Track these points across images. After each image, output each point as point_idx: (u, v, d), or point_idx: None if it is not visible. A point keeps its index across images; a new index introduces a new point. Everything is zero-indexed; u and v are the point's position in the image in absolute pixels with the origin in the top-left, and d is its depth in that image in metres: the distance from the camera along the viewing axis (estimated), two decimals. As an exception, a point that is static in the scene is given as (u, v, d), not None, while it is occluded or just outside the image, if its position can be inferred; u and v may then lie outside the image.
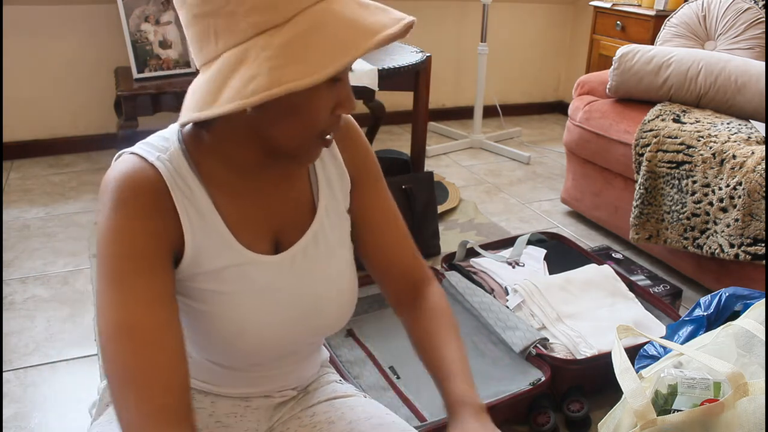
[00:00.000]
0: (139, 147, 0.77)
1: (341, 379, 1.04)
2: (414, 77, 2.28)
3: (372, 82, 2.10)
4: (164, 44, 2.71)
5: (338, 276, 0.89)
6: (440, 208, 2.49)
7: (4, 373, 1.59)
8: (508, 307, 1.69)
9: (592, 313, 1.67)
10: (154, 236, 0.74)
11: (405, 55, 2.34)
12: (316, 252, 0.86)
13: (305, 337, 0.89)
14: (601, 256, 2.04)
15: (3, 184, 2.69)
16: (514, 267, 1.91)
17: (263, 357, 0.86)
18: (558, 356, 1.51)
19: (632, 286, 1.81)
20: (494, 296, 1.76)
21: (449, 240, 2.31)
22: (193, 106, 0.68)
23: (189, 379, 0.73)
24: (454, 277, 1.79)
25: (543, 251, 2.00)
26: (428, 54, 2.33)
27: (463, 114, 3.84)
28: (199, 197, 0.77)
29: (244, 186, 0.81)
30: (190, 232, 0.76)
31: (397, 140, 3.46)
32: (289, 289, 0.84)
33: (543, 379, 1.45)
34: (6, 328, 1.75)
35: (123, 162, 0.75)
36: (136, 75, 2.65)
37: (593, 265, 1.87)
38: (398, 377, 1.52)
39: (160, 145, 0.77)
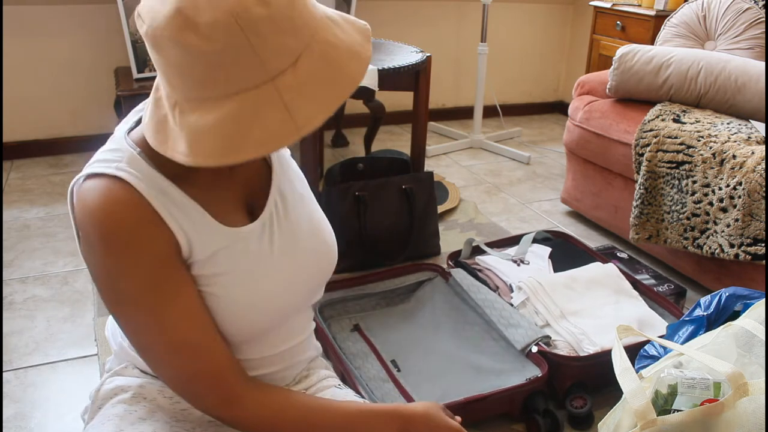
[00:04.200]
0: (93, 167, 0.77)
1: (341, 383, 1.05)
2: (414, 77, 2.28)
3: (372, 82, 2.10)
4: (164, 44, 2.71)
5: (311, 220, 0.94)
6: (440, 208, 2.49)
7: (4, 373, 1.59)
8: (512, 305, 1.70)
9: (596, 311, 1.68)
10: (160, 255, 0.76)
11: (405, 55, 2.34)
12: (285, 206, 0.91)
13: (306, 290, 0.94)
14: (606, 255, 2.04)
15: (3, 184, 2.69)
16: (519, 265, 1.91)
17: (277, 321, 0.91)
18: (560, 353, 1.52)
19: (636, 285, 1.81)
20: (499, 293, 1.77)
21: (449, 240, 2.31)
22: (222, 150, 0.66)
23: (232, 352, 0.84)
24: (459, 273, 1.81)
25: (548, 249, 2.00)
26: (428, 54, 2.33)
27: (463, 114, 3.84)
28: (173, 194, 0.78)
29: (205, 173, 0.82)
30: (178, 229, 0.78)
31: (397, 140, 3.46)
32: (278, 248, 0.88)
33: (539, 375, 1.46)
34: (6, 328, 1.75)
35: (89, 191, 0.75)
36: (136, 75, 2.65)
37: (598, 264, 1.87)
38: (399, 370, 1.55)
39: (113, 158, 0.77)
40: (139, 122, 0.84)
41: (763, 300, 1.19)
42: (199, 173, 0.81)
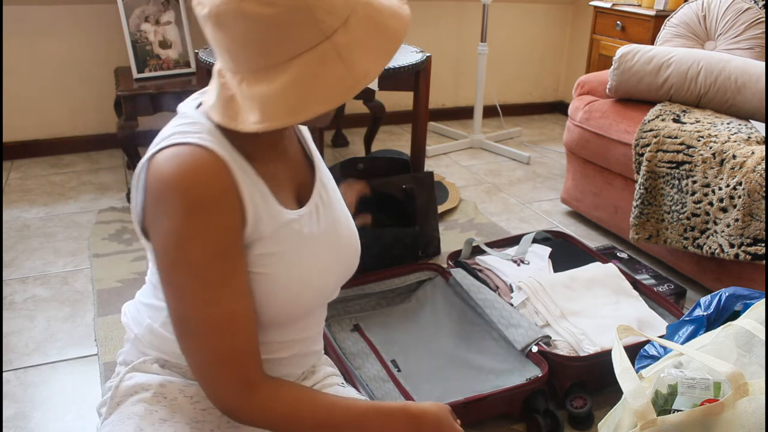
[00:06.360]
0: (175, 137, 0.79)
1: (343, 382, 1.06)
2: (414, 77, 2.28)
3: (372, 82, 2.10)
4: (164, 44, 2.71)
5: (345, 214, 1.00)
6: (440, 208, 2.49)
7: (4, 373, 1.59)
8: (512, 305, 1.70)
9: (595, 311, 1.68)
10: (233, 226, 0.79)
11: (405, 55, 2.34)
12: (327, 196, 0.96)
13: (343, 275, 0.98)
14: (606, 255, 2.04)
15: (3, 184, 2.69)
16: (519, 265, 1.91)
17: (316, 304, 0.95)
18: (561, 353, 1.52)
19: (636, 285, 1.81)
20: (499, 293, 1.77)
21: (449, 240, 2.31)
22: (291, 109, 0.71)
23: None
24: (459, 273, 1.81)
25: (548, 249, 2.00)
26: (428, 54, 2.33)
27: (463, 114, 3.84)
28: (246, 168, 0.81)
29: (269, 153, 0.87)
30: (250, 203, 0.80)
31: (397, 140, 3.46)
32: (324, 234, 0.92)
33: (539, 375, 1.46)
34: (6, 328, 1.75)
35: (177, 157, 0.76)
36: (136, 75, 2.65)
37: (598, 264, 1.88)
38: (399, 370, 1.55)
39: (193, 130, 0.79)
40: (198, 106, 0.87)
41: (763, 300, 1.19)
42: (262, 152, 0.84)
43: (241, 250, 0.80)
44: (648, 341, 1.39)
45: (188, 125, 0.80)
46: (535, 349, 1.53)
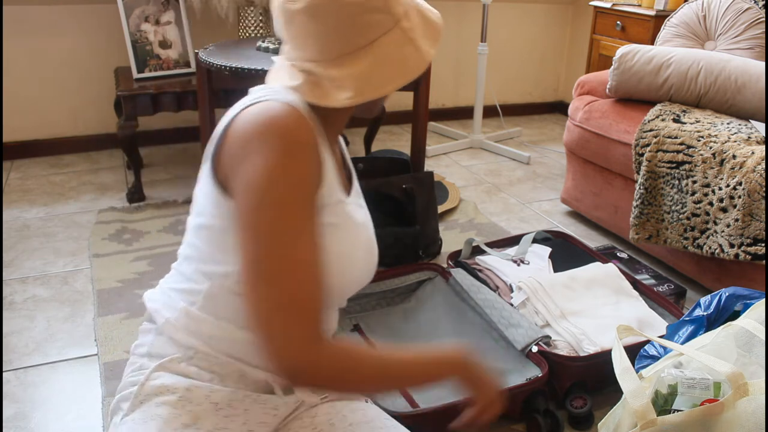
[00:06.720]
0: (270, 95, 0.86)
1: None
2: (414, 77, 2.28)
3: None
4: (164, 44, 2.71)
5: (371, 223, 1.04)
6: (440, 208, 2.49)
7: (4, 373, 1.59)
8: (512, 305, 1.70)
9: (595, 311, 1.68)
10: (318, 176, 0.85)
11: (405, 55, 2.34)
12: (359, 194, 1.03)
13: (368, 273, 1.00)
14: (606, 255, 2.04)
15: (3, 184, 2.69)
16: (519, 265, 1.91)
17: (349, 291, 0.97)
18: (561, 353, 1.52)
19: (636, 285, 1.81)
20: (499, 293, 1.77)
21: (449, 240, 2.31)
22: (378, 85, 0.84)
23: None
24: (459, 273, 1.80)
25: (548, 249, 2.00)
26: (428, 54, 2.33)
27: (463, 114, 3.84)
28: (323, 140, 0.89)
29: (333, 137, 0.96)
30: (328, 169, 0.87)
31: (397, 140, 3.46)
32: (364, 224, 0.97)
33: (539, 375, 1.46)
34: (6, 328, 1.75)
35: (271, 108, 0.83)
36: (136, 75, 2.65)
37: (598, 264, 1.87)
38: None
39: (283, 93, 0.87)
40: None
41: (763, 300, 1.19)
42: (330, 133, 0.93)
43: (316, 204, 0.84)
44: (648, 341, 1.39)
45: (276, 91, 0.87)
46: (535, 349, 1.52)
